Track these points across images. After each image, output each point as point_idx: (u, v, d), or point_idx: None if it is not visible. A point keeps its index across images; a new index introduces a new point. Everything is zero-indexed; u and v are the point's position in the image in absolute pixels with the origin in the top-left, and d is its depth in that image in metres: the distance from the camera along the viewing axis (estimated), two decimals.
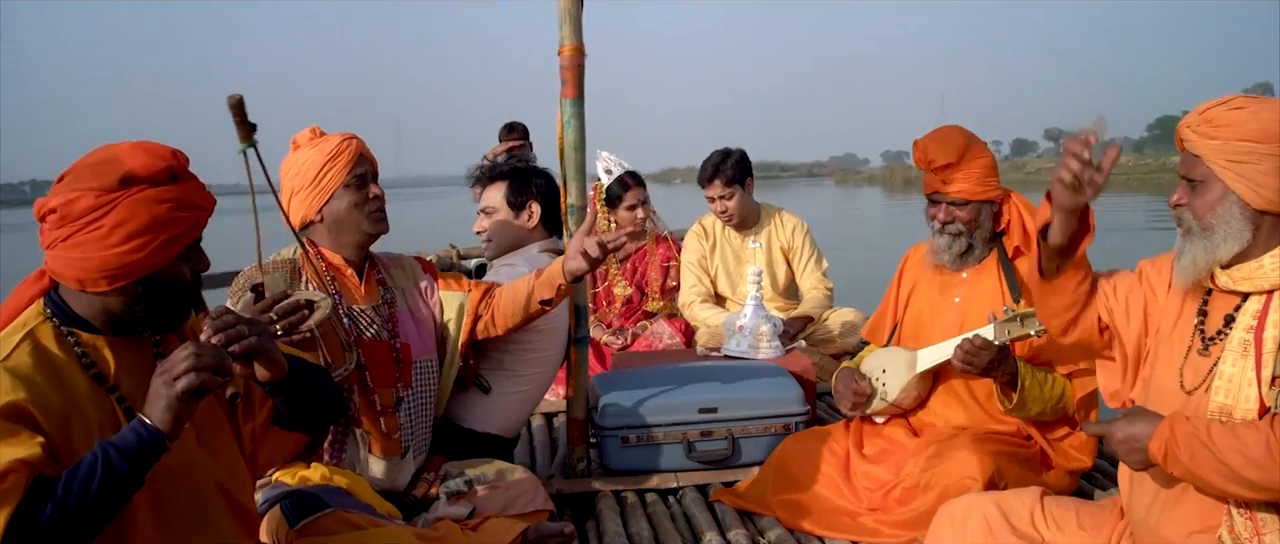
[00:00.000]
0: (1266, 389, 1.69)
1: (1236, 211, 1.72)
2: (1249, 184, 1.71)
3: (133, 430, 1.39)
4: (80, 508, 1.33)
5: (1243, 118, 1.72)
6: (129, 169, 1.49)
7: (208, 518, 1.60)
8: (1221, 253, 1.74)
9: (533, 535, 2.38)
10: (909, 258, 2.85)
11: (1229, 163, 1.72)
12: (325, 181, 2.38)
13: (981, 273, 2.65)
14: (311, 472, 2.25)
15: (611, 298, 4.49)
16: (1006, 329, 2.37)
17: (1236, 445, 1.63)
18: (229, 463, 1.67)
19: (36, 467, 1.35)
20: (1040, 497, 2.10)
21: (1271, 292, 1.73)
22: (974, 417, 2.63)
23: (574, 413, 3.00)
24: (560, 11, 2.73)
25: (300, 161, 2.40)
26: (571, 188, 2.85)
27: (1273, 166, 1.69)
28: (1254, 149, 1.70)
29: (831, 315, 4.15)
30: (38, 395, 1.42)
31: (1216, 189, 1.74)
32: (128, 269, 1.49)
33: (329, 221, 2.41)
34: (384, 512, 2.21)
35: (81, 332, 1.53)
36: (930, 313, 2.70)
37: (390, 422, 2.41)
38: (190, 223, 1.54)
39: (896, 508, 2.51)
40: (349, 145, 2.41)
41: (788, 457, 2.74)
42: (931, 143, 2.60)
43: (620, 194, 4.38)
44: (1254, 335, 1.72)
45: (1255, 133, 1.70)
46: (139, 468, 1.38)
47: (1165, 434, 1.71)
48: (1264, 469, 1.61)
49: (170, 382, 1.39)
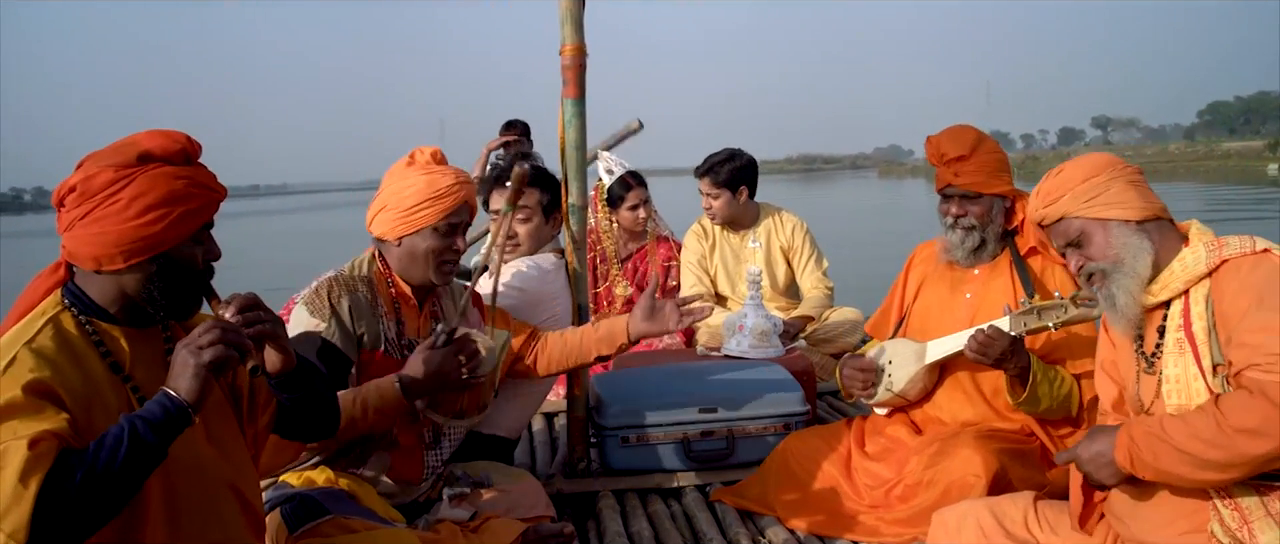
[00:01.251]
0: (1212, 378, 1.74)
1: (1125, 231, 1.85)
2: (1116, 206, 1.86)
3: (157, 402, 1.43)
4: (108, 476, 1.36)
5: (1068, 171, 1.93)
6: (146, 148, 1.55)
7: (218, 514, 1.62)
8: (1141, 270, 1.83)
9: (533, 536, 2.38)
10: (916, 255, 2.85)
11: (1088, 203, 1.87)
12: (418, 216, 2.31)
13: (995, 270, 2.65)
14: (318, 475, 2.24)
15: (612, 298, 4.49)
16: (1023, 321, 2.36)
17: (1189, 431, 1.68)
18: (238, 461, 1.69)
19: (64, 438, 1.38)
20: (1033, 500, 2.11)
21: (1187, 291, 1.82)
22: (980, 412, 2.62)
23: (574, 413, 3.00)
24: (561, 11, 2.74)
25: (405, 184, 2.33)
26: (572, 187, 2.85)
27: (1122, 184, 1.87)
28: (1096, 182, 1.87)
29: (832, 314, 4.16)
30: (61, 376, 1.45)
31: (1098, 230, 1.87)
32: (145, 242, 1.53)
33: (404, 250, 2.34)
34: (386, 515, 2.20)
35: (98, 320, 1.57)
36: (940, 308, 2.70)
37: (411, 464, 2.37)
38: (204, 200, 1.59)
39: (898, 506, 2.51)
40: (458, 190, 2.33)
41: (788, 455, 2.75)
42: (943, 138, 2.63)
43: (622, 194, 4.39)
44: (1185, 332, 1.79)
45: (1089, 171, 1.90)
46: (164, 438, 1.42)
47: (1125, 441, 1.77)
48: (1221, 446, 1.65)
49: (196, 351, 1.44)
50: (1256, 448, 1.62)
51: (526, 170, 1.91)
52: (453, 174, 2.35)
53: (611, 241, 4.49)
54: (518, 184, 2.23)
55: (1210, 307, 1.77)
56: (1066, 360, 2.53)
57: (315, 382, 1.75)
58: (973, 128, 2.65)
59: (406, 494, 2.39)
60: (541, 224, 3.00)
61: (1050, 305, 2.33)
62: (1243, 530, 1.71)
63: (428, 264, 2.34)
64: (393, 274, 2.38)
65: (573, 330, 2.66)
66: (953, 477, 2.38)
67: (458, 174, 2.36)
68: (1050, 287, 2.56)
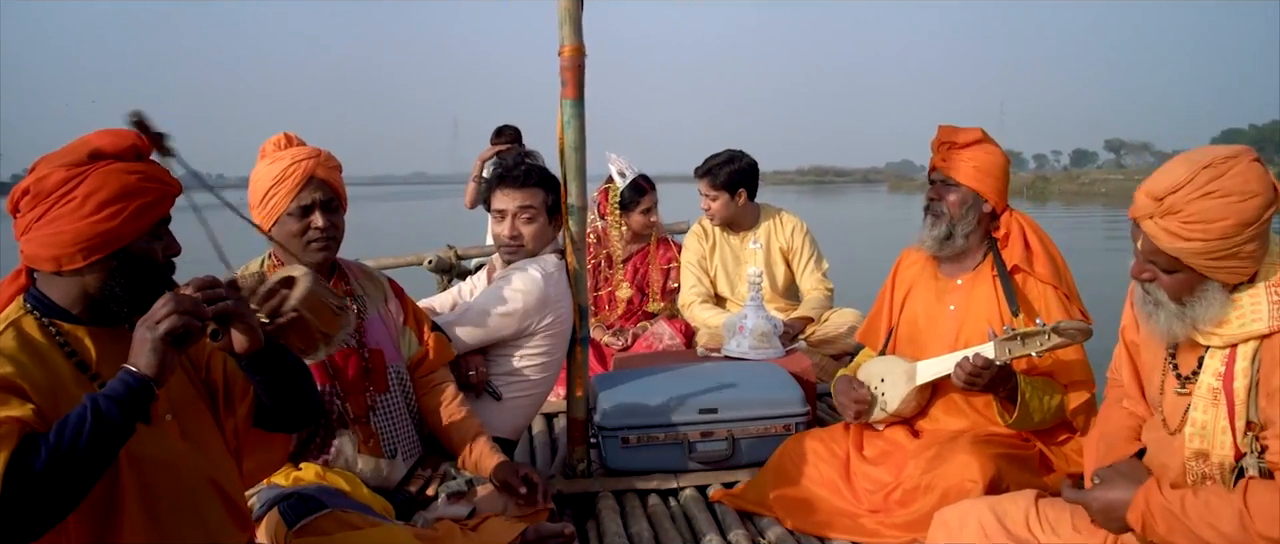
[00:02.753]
0: (1241, 438, 1.67)
1: (1215, 292, 1.68)
2: (1229, 271, 1.66)
3: (119, 379, 1.43)
4: (73, 454, 1.36)
5: (1215, 209, 1.61)
6: (97, 146, 1.56)
7: (198, 511, 1.61)
8: (1201, 324, 1.70)
9: (532, 535, 2.38)
10: (903, 260, 2.85)
11: (1210, 262, 1.64)
12: (271, 204, 2.35)
13: (977, 280, 2.64)
14: (305, 472, 2.25)
15: (614, 300, 4.49)
16: (1007, 348, 2.36)
17: (1210, 519, 1.62)
18: (216, 457, 1.69)
19: (28, 424, 1.39)
20: (1035, 500, 2.10)
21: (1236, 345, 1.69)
22: (974, 422, 2.63)
23: (574, 413, 3.00)
24: (560, 12, 2.73)
25: (257, 176, 2.38)
26: (571, 188, 2.85)
27: (1252, 248, 1.64)
28: (1233, 242, 1.62)
29: (832, 316, 4.15)
30: (24, 372, 1.46)
31: (1191, 275, 1.68)
32: (102, 238, 1.54)
33: (280, 236, 2.39)
34: (380, 510, 2.21)
35: (62, 322, 1.57)
36: (927, 320, 2.70)
37: (365, 428, 2.41)
38: (158, 194, 1.60)
39: (897, 509, 2.50)
40: (295, 169, 2.34)
41: (788, 457, 2.74)
42: (951, 127, 2.66)
43: (636, 199, 4.38)
44: (1223, 384, 1.69)
45: (1233, 227, 1.61)
46: (128, 414, 1.41)
47: (1141, 507, 1.71)
48: (1238, 542, 1.59)
49: (152, 325, 1.45)
50: None
51: (138, 115, 1.80)
52: (289, 155, 2.36)
53: (619, 244, 4.49)
54: (139, 128, 1.78)
55: (1257, 364, 1.66)
56: (1053, 374, 2.54)
57: (287, 363, 1.73)
58: (980, 130, 2.65)
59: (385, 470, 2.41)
60: (545, 224, 2.99)
61: (1033, 333, 2.31)
62: None
63: (296, 247, 2.37)
64: (283, 263, 2.41)
65: (473, 422, 2.59)
66: (950, 481, 2.38)
67: (295, 154, 2.36)
68: (1033, 301, 2.55)
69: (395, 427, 2.48)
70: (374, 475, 2.40)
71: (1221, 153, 1.66)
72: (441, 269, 5.28)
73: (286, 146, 2.41)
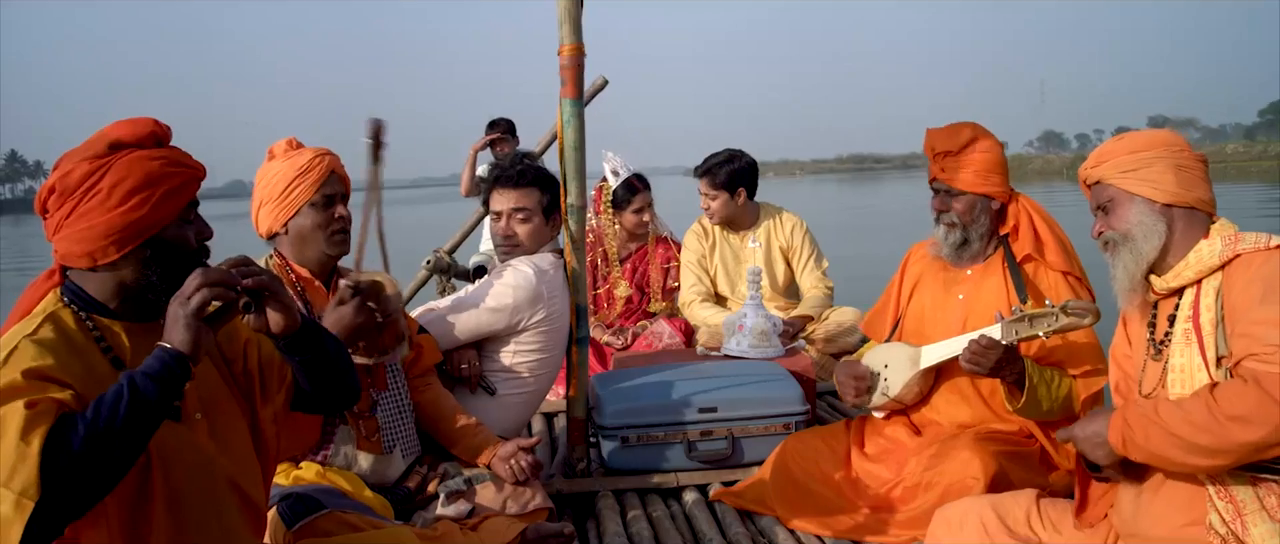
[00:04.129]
0: (1215, 370, 1.76)
1: (1145, 210, 1.88)
2: (1148, 184, 1.89)
3: (155, 356, 1.43)
4: (111, 432, 1.35)
5: (1125, 141, 1.96)
6: (116, 136, 1.56)
7: (218, 511, 1.61)
8: (1145, 251, 1.87)
9: (532, 535, 2.38)
10: (912, 254, 2.84)
11: (1124, 173, 1.91)
12: (292, 197, 2.39)
13: (987, 271, 2.64)
14: (305, 471, 2.24)
15: (613, 299, 4.49)
16: (1014, 329, 2.35)
17: (1182, 415, 1.70)
18: (241, 457, 1.68)
19: (65, 404, 1.38)
20: (1036, 498, 2.11)
21: (1199, 281, 1.84)
22: (978, 414, 2.62)
23: (574, 413, 3.00)
24: (560, 11, 2.73)
25: (272, 173, 2.41)
26: (571, 187, 2.85)
27: (1164, 166, 1.89)
28: (1141, 156, 1.91)
29: (832, 314, 4.15)
30: (62, 364, 1.45)
31: (1123, 200, 1.92)
32: (133, 228, 1.53)
33: (293, 235, 2.42)
34: (379, 508, 2.21)
35: (99, 316, 1.57)
36: (934, 309, 2.70)
37: (368, 424, 2.42)
38: (183, 178, 1.59)
39: (898, 507, 2.50)
40: (320, 162, 2.41)
41: (788, 456, 2.74)
42: (938, 132, 2.64)
43: (628, 198, 4.38)
44: (1193, 323, 1.81)
45: (1140, 144, 1.93)
46: (165, 391, 1.41)
47: (1119, 422, 1.80)
48: (1211, 432, 1.66)
49: (184, 301, 1.45)
50: (1246, 435, 1.63)
51: (380, 126, 2.01)
52: (310, 151, 2.44)
53: (615, 242, 4.49)
54: (373, 142, 2.14)
55: (1220, 299, 1.79)
56: (1064, 363, 2.52)
57: (325, 342, 1.71)
58: (971, 126, 2.64)
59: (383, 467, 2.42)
60: (541, 225, 2.98)
61: (1041, 313, 2.32)
62: (1236, 522, 1.72)
63: (319, 239, 2.42)
64: (291, 263, 2.44)
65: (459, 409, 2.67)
66: (951, 478, 2.38)
67: (315, 150, 2.45)
68: (1044, 290, 2.55)
69: (395, 423, 2.50)
70: (373, 471, 2.41)
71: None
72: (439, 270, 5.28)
73: (296, 147, 2.46)
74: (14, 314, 1.60)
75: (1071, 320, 2.30)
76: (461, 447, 2.61)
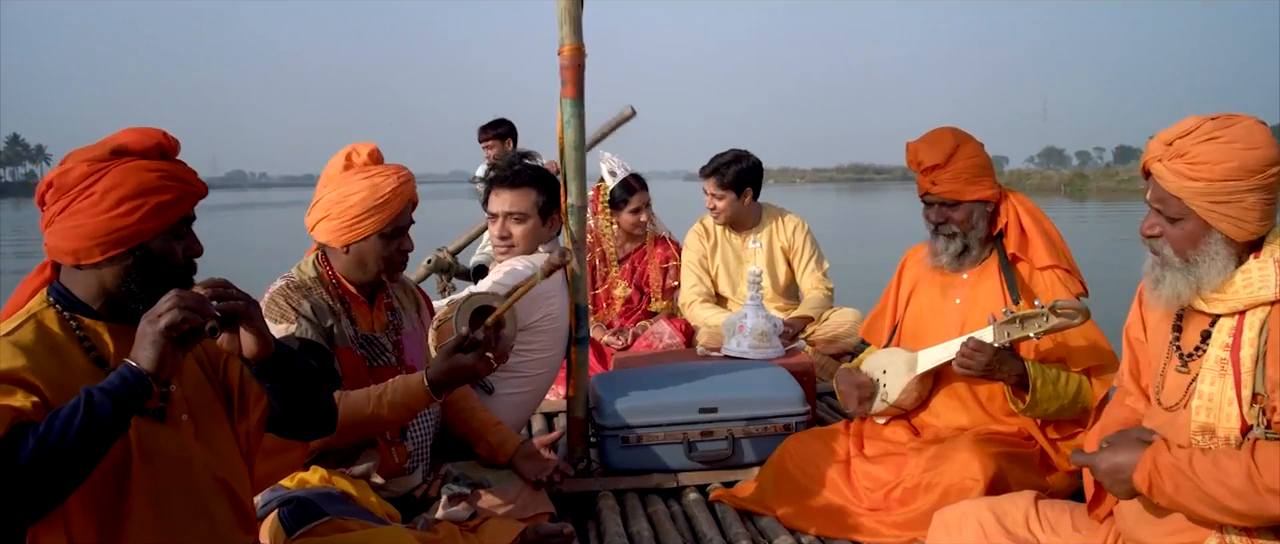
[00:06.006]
0: (1248, 409, 1.67)
1: (1220, 247, 1.71)
2: (1232, 222, 1.69)
3: (117, 373, 1.43)
4: (61, 448, 1.35)
5: (1220, 152, 1.68)
6: (121, 142, 1.59)
7: (206, 510, 1.62)
8: (1206, 285, 1.72)
9: (532, 536, 2.38)
10: (908, 258, 2.85)
11: (1212, 205, 1.69)
12: (363, 225, 2.28)
13: (982, 274, 2.64)
14: (311, 475, 2.24)
15: (612, 299, 4.49)
16: (1006, 331, 2.37)
17: (1218, 476, 1.62)
18: (227, 457, 1.69)
19: (23, 414, 1.39)
20: (1034, 500, 2.10)
21: (1244, 311, 1.70)
22: (976, 418, 2.62)
23: (574, 413, 3.00)
24: (560, 11, 2.73)
25: (347, 192, 2.28)
26: (571, 187, 2.84)
27: (1255, 199, 1.68)
28: (1236, 187, 1.67)
29: (832, 315, 4.15)
30: (37, 365, 1.47)
31: (1196, 224, 1.71)
32: (119, 234, 1.55)
33: (352, 256, 2.33)
34: (383, 514, 2.20)
35: (82, 316, 1.58)
36: (931, 314, 2.70)
37: (399, 451, 2.39)
38: (179, 193, 1.60)
39: (897, 508, 2.50)
40: (400, 194, 2.30)
41: (788, 457, 2.74)
42: (921, 144, 2.62)
43: (625, 198, 4.38)
44: (1230, 355, 1.70)
45: (1237, 170, 1.67)
46: (122, 409, 1.40)
47: (1148, 465, 1.70)
48: (1247, 499, 1.59)
49: (154, 319, 1.45)
50: None
51: (569, 260, 2.03)
52: (394, 177, 2.31)
53: (612, 242, 4.49)
54: (550, 269, 2.31)
55: (1265, 334, 1.67)
56: (1065, 360, 2.53)
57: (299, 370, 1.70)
58: (951, 132, 2.62)
59: (400, 485, 2.40)
60: (538, 225, 2.98)
61: (1032, 314, 2.33)
62: None
63: (377, 268, 2.34)
64: (338, 275, 2.36)
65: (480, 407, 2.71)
66: (950, 480, 2.38)
67: (398, 175, 2.32)
68: (1037, 288, 2.56)
69: (421, 443, 2.48)
70: (387, 486, 2.38)
71: (1229, 114, 1.74)
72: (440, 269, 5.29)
73: (373, 162, 2.34)
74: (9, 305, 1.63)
75: (1061, 321, 2.32)
76: (484, 445, 2.61)
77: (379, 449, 2.35)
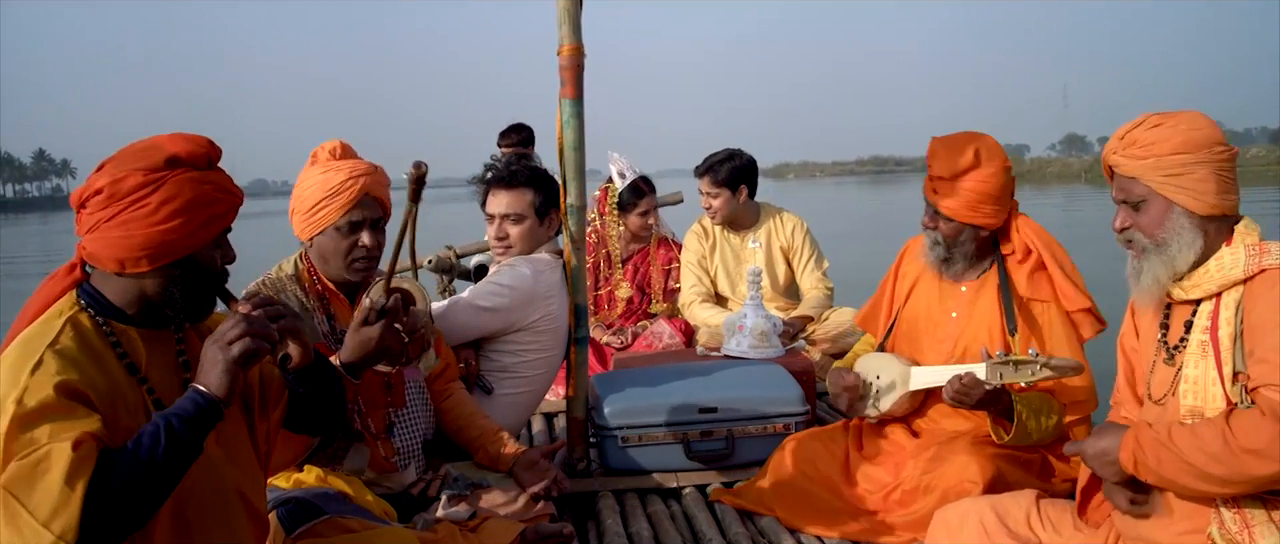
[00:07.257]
0: (1230, 386, 1.73)
1: (1184, 221, 1.79)
2: (1189, 194, 1.78)
3: (190, 398, 1.45)
4: (150, 473, 1.39)
5: (1165, 134, 1.80)
6: (174, 152, 1.57)
7: (225, 520, 1.63)
8: (1180, 263, 1.80)
9: (532, 536, 2.38)
10: (908, 249, 2.80)
11: (1166, 178, 1.79)
12: (319, 216, 2.31)
13: (981, 290, 2.60)
14: (306, 475, 2.24)
15: (614, 300, 4.49)
16: (999, 372, 2.32)
17: (1197, 444, 1.68)
18: (246, 467, 1.70)
19: (102, 439, 1.40)
20: (1036, 499, 2.11)
21: (1220, 293, 1.78)
22: (974, 425, 2.60)
23: (574, 413, 3.00)
24: (559, 11, 2.72)
25: (307, 183, 2.33)
26: (571, 188, 2.84)
27: (1207, 172, 1.78)
28: (1185, 160, 1.78)
29: (832, 315, 4.15)
30: (86, 376, 1.47)
31: (1159, 204, 1.81)
32: (170, 246, 1.55)
33: (316, 249, 2.37)
34: (380, 512, 2.20)
35: (114, 321, 1.58)
36: (927, 322, 2.68)
37: (386, 446, 2.40)
38: (227, 205, 1.62)
39: (896, 509, 2.50)
40: (352, 185, 2.30)
41: (787, 457, 2.74)
42: (939, 148, 2.54)
43: (634, 201, 4.39)
44: (1210, 336, 1.77)
45: (1183, 144, 1.79)
46: (198, 433, 1.44)
47: (1131, 444, 1.78)
48: (1225, 463, 1.65)
49: (225, 346, 1.47)
50: (1261, 469, 1.62)
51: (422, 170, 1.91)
52: (347, 168, 2.32)
53: (618, 244, 4.49)
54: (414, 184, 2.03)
55: (1240, 313, 1.74)
56: (1053, 392, 2.51)
57: (331, 377, 1.77)
58: (974, 149, 2.48)
59: (393, 482, 2.41)
60: (535, 225, 2.98)
61: (1025, 361, 2.28)
62: (1243, 533, 1.71)
63: (338, 262, 2.35)
64: (317, 272, 2.40)
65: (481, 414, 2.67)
66: (949, 482, 2.38)
67: (353, 168, 2.32)
68: (1041, 324, 2.52)
69: (411, 442, 2.48)
70: (381, 483, 2.39)
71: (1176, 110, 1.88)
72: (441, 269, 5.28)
73: (341, 157, 2.36)
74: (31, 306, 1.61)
75: (1052, 374, 2.27)
76: (484, 453, 2.61)
77: (366, 444, 2.36)
